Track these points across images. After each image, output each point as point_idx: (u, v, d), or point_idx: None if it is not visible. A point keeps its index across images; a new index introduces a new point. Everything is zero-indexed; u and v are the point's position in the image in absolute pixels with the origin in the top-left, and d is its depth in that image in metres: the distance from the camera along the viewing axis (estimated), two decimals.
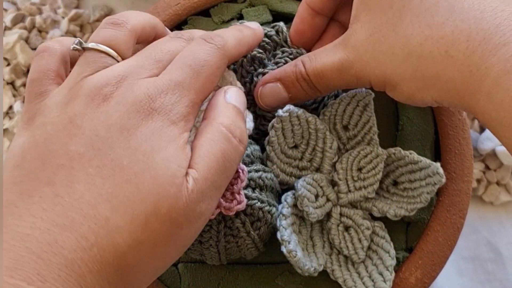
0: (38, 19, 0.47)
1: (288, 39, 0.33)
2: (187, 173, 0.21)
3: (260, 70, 0.32)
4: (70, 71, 0.24)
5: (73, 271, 0.19)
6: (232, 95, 0.25)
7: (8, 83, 0.46)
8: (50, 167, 0.20)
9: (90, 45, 0.24)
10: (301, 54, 0.32)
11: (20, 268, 0.18)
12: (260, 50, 0.32)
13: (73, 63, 0.25)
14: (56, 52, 0.24)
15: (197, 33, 0.27)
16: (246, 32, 0.29)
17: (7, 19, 0.47)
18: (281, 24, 0.33)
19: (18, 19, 0.47)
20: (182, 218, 0.21)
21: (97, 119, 0.21)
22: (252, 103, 0.32)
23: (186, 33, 0.27)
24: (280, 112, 0.29)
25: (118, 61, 0.24)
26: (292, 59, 0.32)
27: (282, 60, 0.32)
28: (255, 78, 0.32)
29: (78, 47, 0.24)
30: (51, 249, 0.19)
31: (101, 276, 0.19)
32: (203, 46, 0.25)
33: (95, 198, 0.20)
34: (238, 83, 0.29)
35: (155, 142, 0.21)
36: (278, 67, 0.32)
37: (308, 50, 0.33)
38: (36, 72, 0.24)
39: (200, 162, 0.22)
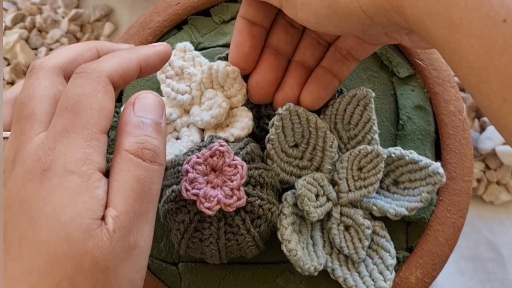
0: (38, 19, 0.47)
1: None
2: (104, 216, 0.21)
3: None
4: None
5: None
6: (141, 105, 0.23)
7: (8, 83, 0.46)
8: None
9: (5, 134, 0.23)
10: None
11: None
12: None
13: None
14: (46, 74, 0.23)
15: None
16: (135, 48, 0.26)
17: (7, 18, 0.47)
18: None
19: (18, 19, 0.47)
20: (113, 261, 0.20)
21: (1, 202, 0.21)
22: (255, 104, 0.32)
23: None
24: (280, 109, 0.29)
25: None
26: None
27: None
28: None
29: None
30: None
31: None
32: (74, 80, 0.23)
33: (10, 283, 0.19)
34: (242, 80, 0.30)
35: (57, 202, 0.20)
36: None
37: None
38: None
39: (115, 197, 0.21)
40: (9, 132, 0.23)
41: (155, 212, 0.23)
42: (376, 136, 0.31)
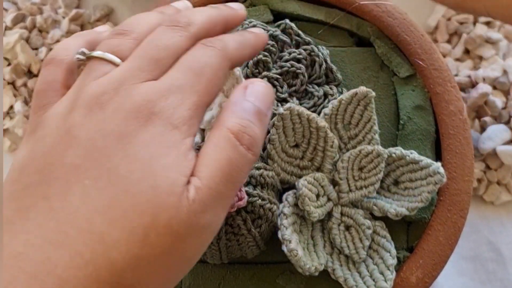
0: (38, 19, 0.47)
1: (301, 33, 0.33)
2: (189, 182, 0.20)
3: (265, 73, 0.32)
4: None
5: None
6: (254, 91, 0.23)
7: (8, 83, 0.46)
8: (46, 180, 0.19)
9: (94, 53, 0.23)
10: (315, 53, 0.32)
11: None
12: (266, 53, 0.32)
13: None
14: (63, 63, 0.24)
15: (180, 4, 0.26)
16: (248, 35, 0.27)
17: (8, 19, 0.47)
18: (287, 21, 0.33)
19: (18, 19, 0.47)
20: (184, 230, 0.19)
21: (94, 128, 0.20)
22: None
23: (177, 15, 0.25)
24: (280, 109, 0.29)
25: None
26: (298, 61, 0.33)
27: (288, 64, 0.33)
28: None
29: (82, 57, 0.23)
30: (45, 267, 0.18)
31: None
32: (203, 50, 0.23)
33: (90, 212, 0.19)
34: (244, 80, 0.29)
35: (155, 149, 0.20)
36: (282, 71, 0.32)
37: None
38: (41, 84, 0.23)
39: (203, 170, 0.20)
40: (98, 52, 0.23)
41: (232, 201, 0.22)
42: (377, 136, 0.31)
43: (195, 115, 0.22)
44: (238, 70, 0.30)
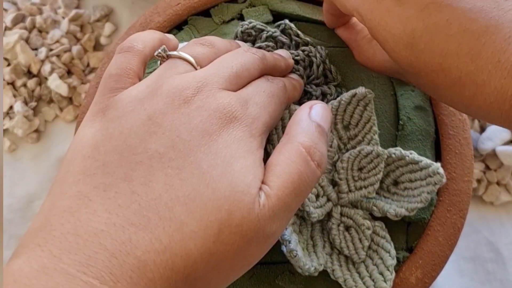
0: (38, 19, 0.47)
1: (300, 33, 0.33)
2: (260, 188, 0.21)
3: None
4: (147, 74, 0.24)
5: (145, 274, 0.18)
6: (318, 112, 0.25)
7: (8, 83, 0.46)
8: (128, 162, 0.20)
9: (175, 53, 0.24)
10: (312, 54, 0.32)
11: (93, 265, 0.17)
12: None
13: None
14: (140, 53, 0.24)
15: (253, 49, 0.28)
16: (296, 81, 0.30)
17: (8, 19, 0.47)
18: (286, 21, 0.33)
19: (18, 19, 0.47)
20: (253, 233, 0.20)
21: (178, 120, 0.21)
22: None
23: (250, 49, 0.27)
24: None
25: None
26: (296, 62, 0.33)
27: None
28: None
29: (162, 53, 0.24)
30: (125, 248, 0.18)
31: (170, 284, 0.19)
32: (270, 83, 0.25)
33: (172, 200, 0.19)
34: None
35: (235, 150, 0.21)
36: None
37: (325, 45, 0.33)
38: (116, 68, 0.24)
39: (274, 180, 0.21)
40: (181, 53, 0.24)
41: (292, 216, 0.23)
42: (376, 137, 0.31)
43: (265, 133, 0.23)
44: None
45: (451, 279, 0.41)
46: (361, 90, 0.30)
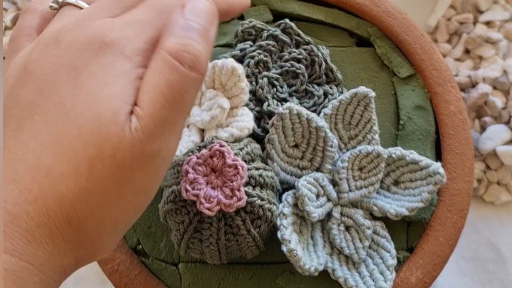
0: None
1: (301, 32, 0.33)
2: (132, 112, 0.20)
3: (265, 73, 0.32)
4: None
5: (19, 226, 0.17)
6: (190, 9, 0.22)
7: None
8: (3, 120, 0.19)
9: (66, 0, 0.23)
10: (314, 53, 0.32)
11: None
12: (266, 53, 0.32)
13: None
14: (36, 11, 0.24)
15: None
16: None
17: (7, 18, 0.47)
18: (287, 20, 0.33)
19: (18, 19, 0.47)
20: (130, 159, 0.19)
21: (47, 63, 0.20)
22: (256, 104, 0.32)
23: None
24: (280, 109, 0.29)
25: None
26: (298, 61, 0.33)
27: (288, 64, 0.33)
28: (259, 80, 0.32)
29: (55, 6, 0.23)
30: None
31: (51, 230, 0.18)
32: None
33: (38, 146, 0.19)
34: (245, 80, 0.29)
35: (101, 79, 0.19)
36: (282, 71, 0.33)
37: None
38: (15, 31, 0.23)
39: (144, 97, 0.20)
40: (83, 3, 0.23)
41: (183, 124, 0.22)
42: (377, 136, 0.31)
43: (152, 49, 0.21)
44: (240, 69, 0.30)
45: (452, 279, 0.41)
46: (361, 90, 0.30)
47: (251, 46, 0.33)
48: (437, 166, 0.29)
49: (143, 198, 0.21)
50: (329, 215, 0.30)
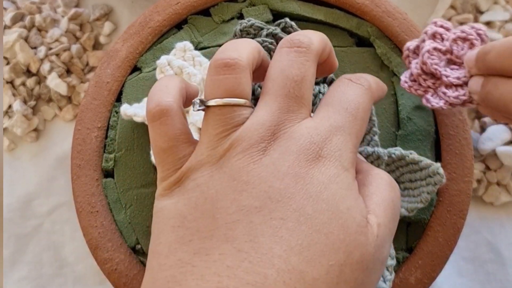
0: (37, 18, 0.47)
1: None
2: (367, 220, 0.21)
3: None
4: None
5: None
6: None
7: (7, 82, 0.46)
8: (224, 223, 0.19)
9: (214, 102, 0.22)
10: None
11: None
12: (265, 52, 0.32)
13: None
14: (176, 113, 0.22)
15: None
16: (377, 79, 0.27)
17: (7, 18, 0.47)
18: (287, 19, 0.33)
19: (17, 18, 0.47)
20: (372, 264, 0.20)
21: (265, 172, 0.20)
22: (255, 102, 0.32)
23: (297, 34, 0.24)
24: None
25: (248, 106, 0.22)
26: None
27: None
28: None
29: (201, 108, 0.22)
30: None
31: None
32: (351, 86, 0.23)
33: (285, 251, 0.18)
34: None
35: (335, 190, 0.20)
36: None
37: None
38: (166, 141, 0.22)
39: (377, 209, 0.22)
40: (224, 100, 0.21)
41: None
42: (376, 137, 0.31)
43: (355, 157, 0.22)
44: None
45: (451, 280, 0.40)
46: None
47: None
48: (437, 166, 0.29)
49: None
50: None
